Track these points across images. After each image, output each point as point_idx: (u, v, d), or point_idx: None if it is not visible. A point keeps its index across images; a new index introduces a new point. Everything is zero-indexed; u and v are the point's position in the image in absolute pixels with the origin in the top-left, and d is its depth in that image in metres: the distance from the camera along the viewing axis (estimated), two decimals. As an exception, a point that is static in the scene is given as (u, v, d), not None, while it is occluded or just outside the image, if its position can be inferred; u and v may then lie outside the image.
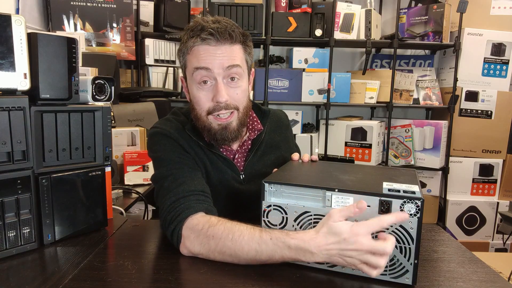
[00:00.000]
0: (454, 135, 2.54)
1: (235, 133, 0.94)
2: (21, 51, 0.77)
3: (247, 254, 0.72)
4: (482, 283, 0.69)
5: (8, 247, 0.77)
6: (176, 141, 0.94)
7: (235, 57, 0.90)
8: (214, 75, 0.89)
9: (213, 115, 0.91)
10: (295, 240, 0.68)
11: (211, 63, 0.88)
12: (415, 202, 0.64)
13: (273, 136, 1.09)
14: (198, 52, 0.89)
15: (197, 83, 0.91)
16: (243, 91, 0.94)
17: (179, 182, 0.87)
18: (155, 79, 2.50)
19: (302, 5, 2.39)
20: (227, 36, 0.88)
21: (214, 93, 0.89)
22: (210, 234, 0.75)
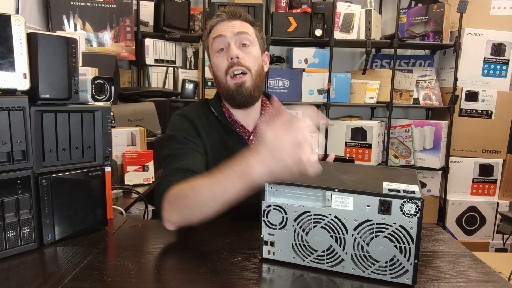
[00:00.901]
0: (454, 135, 2.54)
1: (250, 92, 1.04)
2: (21, 51, 0.77)
3: (207, 198, 0.74)
4: (482, 283, 0.69)
5: (8, 247, 0.77)
6: (192, 122, 1.05)
7: (244, 27, 1.06)
8: (227, 40, 1.04)
9: (229, 74, 1.03)
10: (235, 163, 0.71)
11: (224, 31, 1.04)
12: (415, 202, 0.64)
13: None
14: (216, 27, 1.07)
15: (215, 52, 1.06)
16: (254, 56, 1.06)
17: (175, 160, 0.95)
18: (155, 79, 2.50)
19: (302, 5, 2.39)
20: (237, 15, 1.06)
21: (228, 53, 1.03)
22: (177, 196, 0.81)
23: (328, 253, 0.71)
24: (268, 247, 0.76)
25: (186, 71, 2.58)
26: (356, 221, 0.68)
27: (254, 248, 0.79)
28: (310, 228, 0.72)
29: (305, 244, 0.73)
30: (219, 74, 1.06)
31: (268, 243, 0.76)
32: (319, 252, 0.72)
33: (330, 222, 0.70)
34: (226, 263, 0.74)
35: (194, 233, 0.90)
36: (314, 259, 0.72)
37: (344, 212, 0.69)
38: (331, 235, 0.70)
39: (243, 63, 1.03)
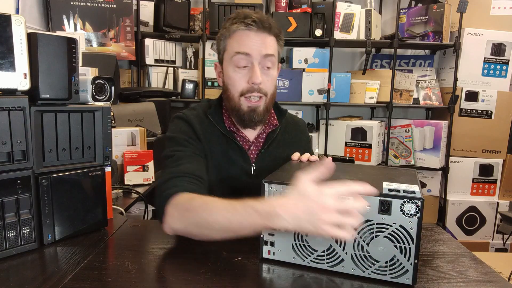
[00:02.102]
0: (454, 135, 2.54)
1: (261, 117, 1.02)
2: (21, 51, 0.77)
3: (220, 223, 0.72)
4: (482, 283, 0.69)
5: (8, 247, 0.77)
6: (191, 126, 1.01)
7: (271, 46, 0.99)
8: (252, 60, 0.97)
9: (246, 97, 0.99)
10: (264, 205, 0.68)
11: (251, 49, 0.96)
12: (415, 202, 0.64)
13: (286, 136, 1.13)
14: (240, 36, 0.97)
15: (235, 66, 0.99)
16: (273, 79, 1.02)
17: (178, 163, 0.92)
18: (155, 79, 2.50)
19: (302, 5, 2.39)
20: (267, 26, 0.97)
21: (250, 76, 0.97)
22: (188, 207, 0.78)
23: (328, 253, 0.71)
24: (268, 247, 0.76)
25: (186, 71, 2.58)
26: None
27: (254, 248, 0.79)
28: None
29: (305, 244, 0.73)
30: (233, 90, 1.00)
31: (268, 243, 0.76)
32: (319, 252, 0.72)
33: (330, 222, 0.70)
34: (226, 263, 0.74)
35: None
36: (314, 259, 0.72)
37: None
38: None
39: (262, 89, 0.99)
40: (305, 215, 0.64)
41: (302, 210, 0.64)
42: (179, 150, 0.96)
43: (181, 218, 0.79)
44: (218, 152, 1.02)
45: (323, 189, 0.64)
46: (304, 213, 0.64)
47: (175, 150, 0.96)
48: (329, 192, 0.64)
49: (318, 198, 0.63)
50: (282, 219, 0.65)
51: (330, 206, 0.63)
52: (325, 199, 0.63)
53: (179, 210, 0.79)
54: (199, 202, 0.78)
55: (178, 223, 0.79)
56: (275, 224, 0.66)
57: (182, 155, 0.95)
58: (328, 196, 0.63)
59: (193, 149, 0.98)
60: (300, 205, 0.64)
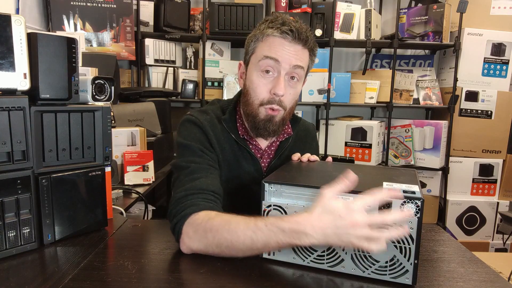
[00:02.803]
0: (454, 135, 2.54)
1: (276, 127, 0.98)
2: (21, 51, 0.77)
3: (243, 243, 0.71)
4: (482, 283, 0.69)
5: (8, 247, 0.77)
6: (205, 133, 0.97)
7: (303, 59, 0.94)
8: (279, 68, 0.92)
9: (265, 107, 0.95)
10: (289, 223, 0.67)
11: (282, 56, 0.91)
12: (415, 202, 0.64)
13: (298, 144, 1.11)
14: (273, 42, 0.92)
15: (260, 70, 0.94)
16: (296, 93, 0.98)
17: (194, 177, 0.88)
18: (155, 79, 2.50)
19: (302, 5, 2.39)
20: (304, 38, 0.92)
21: (274, 85, 0.93)
22: (207, 227, 0.75)
23: (328, 253, 0.71)
24: (268, 247, 0.75)
25: (186, 71, 2.58)
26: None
27: (254, 248, 0.79)
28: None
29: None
30: (253, 96, 0.96)
31: (268, 243, 0.75)
32: (319, 252, 0.72)
33: (330, 222, 0.70)
34: (226, 263, 0.74)
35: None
36: (314, 259, 0.72)
37: (344, 212, 0.69)
38: (331, 235, 0.70)
39: (283, 101, 0.95)
40: (334, 231, 0.63)
41: (330, 226, 0.64)
42: (194, 161, 0.91)
43: (201, 238, 0.75)
44: (230, 160, 0.99)
45: (351, 204, 0.63)
46: (332, 229, 0.63)
47: (190, 161, 0.91)
48: (357, 207, 0.63)
49: (347, 215, 0.63)
50: (310, 236, 0.65)
51: (360, 222, 0.62)
52: (354, 215, 0.62)
53: (198, 230, 0.76)
54: (219, 221, 0.75)
55: (197, 243, 0.76)
56: (302, 242, 0.66)
57: (197, 168, 0.90)
58: (357, 212, 0.62)
59: (208, 161, 0.93)
60: (327, 221, 0.64)
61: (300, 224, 0.66)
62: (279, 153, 1.06)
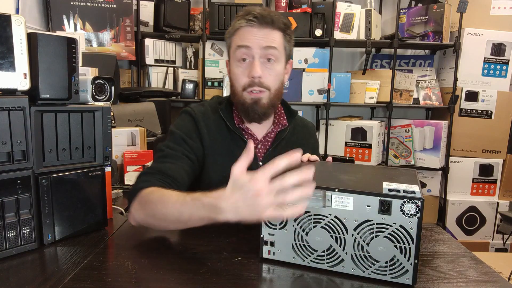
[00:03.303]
0: (454, 135, 2.54)
1: (265, 110, 1.02)
2: (21, 51, 0.77)
3: (172, 215, 0.76)
4: (482, 283, 0.69)
5: (8, 247, 0.77)
6: (196, 123, 1.03)
7: (273, 40, 0.99)
8: (252, 53, 0.98)
9: (247, 91, 1.00)
10: (209, 198, 0.69)
11: (251, 42, 0.97)
12: (415, 202, 0.64)
13: (295, 137, 1.14)
14: (242, 32, 0.99)
15: (237, 60, 1.00)
16: (276, 74, 1.01)
17: (163, 160, 0.96)
18: (155, 79, 2.50)
19: (302, 5, 2.39)
20: (269, 21, 0.97)
21: (250, 69, 0.98)
22: (148, 199, 0.83)
23: (328, 253, 0.71)
24: (268, 247, 0.76)
25: (186, 71, 2.58)
26: (356, 221, 0.68)
27: (254, 248, 0.79)
28: (310, 228, 0.72)
29: (305, 244, 0.73)
30: (236, 85, 1.02)
31: (268, 243, 0.76)
32: (319, 252, 0.72)
33: (330, 222, 0.70)
34: (226, 263, 0.74)
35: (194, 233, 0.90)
36: (314, 259, 0.72)
37: (344, 212, 0.69)
38: (331, 235, 0.70)
39: (263, 82, 0.99)
40: (243, 204, 0.64)
41: (240, 200, 0.64)
42: (170, 147, 0.99)
43: (141, 210, 0.84)
44: (222, 149, 1.03)
45: (254, 176, 0.63)
46: (242, 202, 0.64)
47: (167, 146, 0.99)
48: (259, 177, 0.63)
49: (251, 186, 0.63)
50: (224, 211, 0.66)
51: (262, 190, 0.62)
52: (256, 183, 0.62)
53: (141, 202, 0.85)
54: (157, 194, 0.82)
55: (138, 214, 0.85)
56: (219, 217, 0.67)
57: (170, 153, 0.97)
58: (259, 181, 0.62)
59: (184, 149, 0.99)
60: (237, 196, 0.65)
61: (217, 199, 0.67)
62: (276, 143, 1.08)
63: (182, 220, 0.75)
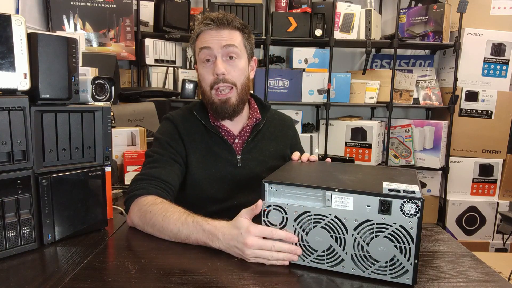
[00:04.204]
0: (454, 135, 2.54)
1: (234, 108, 1.07)
2: (21, 51, 0.77)
3: (171, 231, 0.84)
4: (482, 283, 0.69)
5: (8, 247, 0.77)
6: (176, 126, 1.10)
7: (232, 38, 1.05)
8: (214, 53, 1.04)
9: (215, 89, 1.05)
10: (210, 225, 0.80)
11: (211, 43, 1.03)
12: (415, 202, 0.64)
13: (272, 130, 1.19)
14: (203, 36, 1.06)
15: (201, 62, 1.07)
16: (240, 69, 1.07)
17: (153, 165, 1.02)
18: (155, 79, 2.50)
19: (302, 5, 2.39)
20: (225, 22, 1.04)
21: (213, 68, 1.04)
22: (149, 209, 0.89)
23: (328, 253, 0.71)
24: (268, 247, 0.75)
25: (186, 71, 2.58)
26: (356, 221, 0.68)
27: (254, 248, 0.79)
28: (310, 228, 0.72)
29: (305, 244, 0.73)
30: (204, 85, 1.08)
31: (268, 243, 0.75)
32: (319, 252, 0.72)
33: (330, 222, 0.70)
34: (226, 263, 0.74)
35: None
36: (314, 259, 0.72)
37: (344, 212, 0.69)
38: (331, 235, 0.70)
39: (228, 79, 1.04)
40: (235, 244, 0.75)
41: (233, 239, 0.75)
42: (158, 152, 1.05)
43: (141, 217, 0.90)
44: (201, 148, 1.09)
45: (251, 227, 0.74)
46: (234, 242, 0.75)
47: (155, 152, 1.06)
48: (254, 231, 0.73)
49: (245, 235, 0.73)
50: (220, 242, 0.77)
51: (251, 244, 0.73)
52: (249, 237, 0.73)
53: (141, 210, 0.90)
54: (159, 207, 0.88)
55: (137, 220, 0.91)
56: (213, 245, 0.78)
57: (159, 158, 1.04)
58: (252, 235, 0.73)
59: (171, 153, 1.06)
60: (233, 234, 0.75)
61: (217, 229, 0.78)
62: (252, 135, 1.13)
63: (179, 238, 0.83)
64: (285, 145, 1.20)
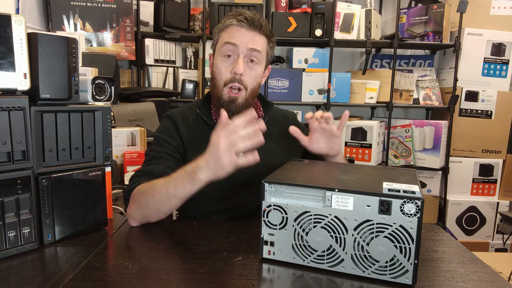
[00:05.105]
0: (454, 135, 2.54)
1: (239, 109, 1.07)
2: (21, 51, 0.77)
3: (161, 193, 0.87)
4: (482, 283, 0.69)
5: (8, 247, 0.77)
6: (174, 123, 1.10)
7: (259, 43, 1.06)
8: (238, 52, 1.04)
9: (228, 86, 1.05)
10: (191, 164, 0.84)
11: (239, 41, 1.04)
12: (415, 202, 0.64)
13: (275, 127, 1.19)
14: (232, 30, 1.05)
15: (222, 55, 1.06)
16: (256, 75, 1.08)
17: (150, 163, 1.03)
18: (155, 79, 2.50)
19: (302, 5, 2.39)
20: (258, 25, 1.05)
21: (234, 66, 1.04)
22: (139, 194, 0.91)
23: (328, 253, 0.71)
24: (268, 247, 0.76)
25: (186, 71, 2.58)
26: (356, 221, 0.68)
27: (254, 248, 0.79)
28: (310, 228, 0.72)
29: (305, 244, 0.73)
30: (219, 79, 1.08)
31: (268, 243, 0.76)
32: (319, 252, 0.72)
33: (330, 222, 0.70)
34: (226, 263, 0.74)
35: (194, 233, 0.90)
36: (314, 259, 0.72)
37: (344, 212, 0.69)
38: (331, 235, 0.70)
39: (243, 80, 1.05)
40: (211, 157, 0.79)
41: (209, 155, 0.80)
42: (155, 150, 1.06)
43: (135, 206, 0.92)
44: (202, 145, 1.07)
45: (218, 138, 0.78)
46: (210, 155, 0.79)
47: (152, 150, 1.07)
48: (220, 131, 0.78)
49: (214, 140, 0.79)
50: (201, 168, 0.81)
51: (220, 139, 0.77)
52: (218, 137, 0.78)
53: (134, 199, 0.93)
54: (146, 185, 0.92)
55: (134, 211, 0.93)
56: (197, 176, 0.81)
57: (155, 156, 1.05)
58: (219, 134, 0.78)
59: (168, 149, 1.06)
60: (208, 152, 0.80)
61: (197, 161, 0.82)
62: None
63: (169, 194, 0.86)
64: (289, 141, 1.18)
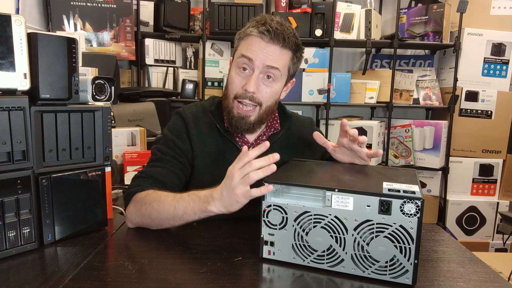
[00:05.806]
0: (454, 135, 2.54)
1: (250, 127, 1.01)
2: (21, 51, 0.77)
3: (168, 212, 0.84)
4: (482, 283, 0.69)
5: (8, 247, 0.77)
6: (186, 124, 1.05)
7: (278, 60, 0.96)
8: (253, 67, 0.96)
9: (238, 100, 0.98)
10: (205, 191, 0.81)
11: (256, 56, 0.95)
12: (415, 202, 0.64)
13: (291, 137, 1.11)
14: (251, 41, 0.96)
15: (237, 67, 0.99)
16: (272, 92, 1.00)
17: (154, 164, 1.00)
18: (155, 79, 2.50)
19: (302, 5, 2.39)
20: (280, 39, 0.94)
21: (246, 82, 0.97)
22: (143, 202, 0.89)
23: (328, 253, 0.71)
24: (268, 247, 0.76)
25: (186, 71, 2.58)
26: (356, 221, 0.68)
27: (254, 248, 0.79)
28: (310, 228, 0.72)
29: (305, 244, 0.73)
30: (230, 90, 1.00)
31: (268, 243, 0.76)
32: (319, 252, 0.72)
33: (330, 222, 0.70)
34: (226, 263, 0.74)
35: (194, 233, 0.90)
36: (314, 259, 0.72)
37: (344, 212, 0.69)
38: (331, 235, 0.70)
39: (256, 98, 0.97)
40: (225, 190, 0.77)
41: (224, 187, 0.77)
42: (162, 151, 1.02)
43: (137, 212, 0.90)
44: (211, 152, 1.04)
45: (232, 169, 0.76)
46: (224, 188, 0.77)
47: (159, 150, 1.03)
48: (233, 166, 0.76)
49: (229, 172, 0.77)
50: (214, 199, 0.78)
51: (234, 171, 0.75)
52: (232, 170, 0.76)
53: (136, 206, 0.91)
54: (152, 196, 0.89)
55: (135, 216, 0.91)
56: (210, 206, 0.79)
57: (161, 157, 1.01)
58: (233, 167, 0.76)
59: (175, 153, 1.02)
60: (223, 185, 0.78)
61: (211, 191, 0.80)
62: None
63: (177, 215, 0.83)
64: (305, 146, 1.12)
